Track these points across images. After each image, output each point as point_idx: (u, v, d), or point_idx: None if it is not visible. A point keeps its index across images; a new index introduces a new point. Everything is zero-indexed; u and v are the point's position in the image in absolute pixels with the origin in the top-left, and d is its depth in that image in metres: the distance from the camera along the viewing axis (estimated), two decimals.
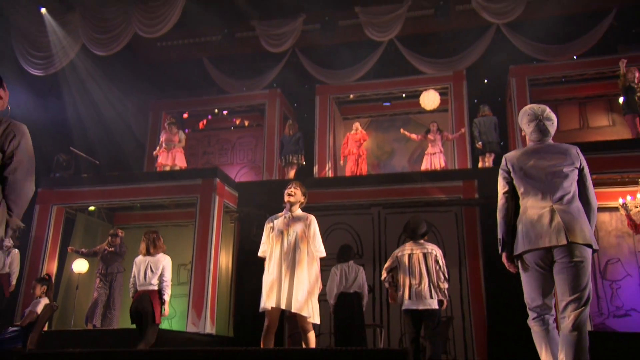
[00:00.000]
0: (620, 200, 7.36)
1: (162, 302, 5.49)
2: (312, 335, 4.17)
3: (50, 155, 9.30)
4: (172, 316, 8.80)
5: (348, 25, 10.54)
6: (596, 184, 3.74)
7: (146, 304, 5.40)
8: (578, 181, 3.06)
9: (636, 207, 7.91)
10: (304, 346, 4.22)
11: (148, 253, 5.64)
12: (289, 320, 7.50)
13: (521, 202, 3.11)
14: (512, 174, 3.16)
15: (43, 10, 9.72)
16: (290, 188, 4.46)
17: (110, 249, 8.22)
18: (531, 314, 3.02)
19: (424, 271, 5.32)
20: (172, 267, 5.80)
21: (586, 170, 3.09)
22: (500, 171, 3.24)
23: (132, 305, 5.51)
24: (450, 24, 10.27)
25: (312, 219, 4.39)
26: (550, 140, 3.19)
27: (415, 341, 5.28)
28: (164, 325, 7.84)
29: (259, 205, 8.73)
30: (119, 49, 9.81)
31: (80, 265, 8.34)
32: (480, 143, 9.32)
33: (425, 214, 8.21)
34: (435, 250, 5.49)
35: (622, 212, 7.22)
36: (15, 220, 2.64)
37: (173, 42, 11.26)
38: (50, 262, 8.39)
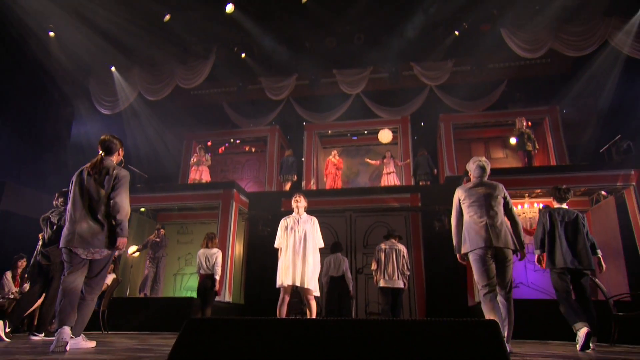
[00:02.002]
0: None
1: (214, 280, 5.68)
2: (314, 303, 4.11)
3: None
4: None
5: (328, 82, 10.74)
6: None
7: (209, 284, 5.66)
8: (504, 205, 3.26)
9: (524, 213, 8.45)
10: (307, 312, 4.12)
11: (206, 247, 5.84)
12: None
13: (466, 218, 3.29)
14: (460, 200, 3.35)
15: (113, 68, 9.78)
16: (296, 197, 4.34)
17: (157, 239, 8.30)
18: (483, 291, 3.07)
19: (395, 262, 5.55)
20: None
21: (509, 198, 3.29)
22: (454, 198, 3.41)
23: (200, 283, 5.72)
24: (399, 83, 10.52)
25: (315, 220, 4.31)
26: (486, 178, 3.40)
27: (386, 308, 5.48)
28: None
29: (264, 209, 8.83)
30: (164, 95, 9.86)
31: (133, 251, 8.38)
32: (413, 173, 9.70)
33: (384, 217, 8.42)
34: (403, 249, 5.69)
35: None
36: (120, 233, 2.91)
37: (202, 90, 11.35)
38: None
